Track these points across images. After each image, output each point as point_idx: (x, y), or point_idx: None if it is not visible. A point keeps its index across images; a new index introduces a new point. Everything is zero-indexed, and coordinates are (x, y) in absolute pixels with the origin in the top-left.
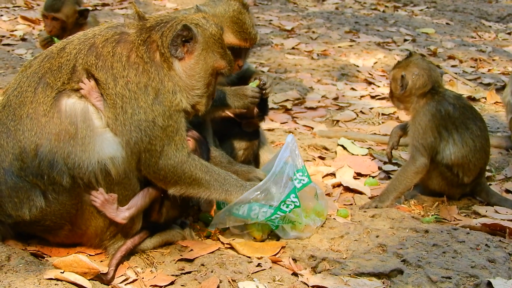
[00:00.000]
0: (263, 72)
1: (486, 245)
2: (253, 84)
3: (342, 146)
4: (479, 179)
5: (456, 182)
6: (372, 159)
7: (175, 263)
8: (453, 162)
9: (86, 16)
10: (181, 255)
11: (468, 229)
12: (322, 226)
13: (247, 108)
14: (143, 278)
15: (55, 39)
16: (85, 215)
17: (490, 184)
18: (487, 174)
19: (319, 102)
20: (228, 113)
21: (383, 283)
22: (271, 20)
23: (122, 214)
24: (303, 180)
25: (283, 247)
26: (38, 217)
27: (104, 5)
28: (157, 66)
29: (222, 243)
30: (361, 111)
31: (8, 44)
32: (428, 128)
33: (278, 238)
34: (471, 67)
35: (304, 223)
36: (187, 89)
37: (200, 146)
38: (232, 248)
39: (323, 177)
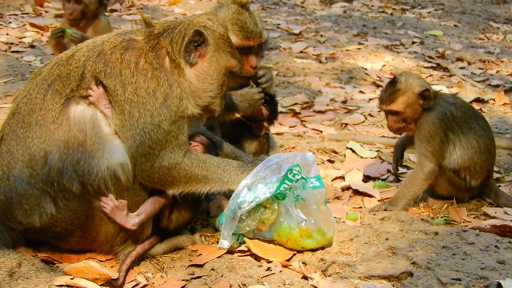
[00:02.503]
0: (269, 67)
1: (495, 246)
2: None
3: (351, 149)
4: (487, 180)
5: (464, 187)
6: (381, 162)
7: (185, 268)
8: (460, 166)
9: (106, 6)
10: (191, 260)
11: (478, 230)
12: None
13: (256, 110)
14: (153, 283)
15: (67, 31)
16: (96, 221)
17: (499, 186)
18: (496, 175)
19: (327, 105)
20: (238, 116)
21: (393, 286)
22: (279, 24)
23: (132, 220)
24: (316, 184)
25: (294, 254)
26: (48, 224)
27: (112, 11)
28: (166, 72)
29: (232, 252)
30: (369, 114)
31: (16, 51)
32: (436, 134)
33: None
34: (479, 68)
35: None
36: (198, 92)
37: (209, 152)
38: (242, 251)
39: (332, 180)
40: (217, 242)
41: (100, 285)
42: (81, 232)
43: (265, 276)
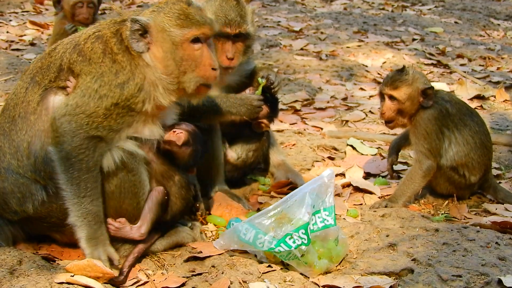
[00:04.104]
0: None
1: (496, 243)
2: (260, 86)
3: (352, 146)
4: (486, 175)
5: (464, 184)
6: (382, 159)
7: (186, 265)
8: (457, 163)
9: (100, 1)
10: (191, 257)
11: (478, 227)
12: None
13: (254, 117)
14: (154, 280)
15: (79, 27)
16: None
17: (500, 182)
18: (497, 172)
19: (328, 102)
20: (235, 119)
21: (394, 281)
22: (279, 21)
23: (138, 232)
24: (327, 220)
25: None
26: (43, 213)
27: (112, 9)
28: (128, 56)
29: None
30: (370, 111)
31: (17, 49)
32: (433, 131)
33: None
34: (480, 65)
35: (317, 266)
36: (165, 76)
37: (194, 138)
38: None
39: None
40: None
41: (102, 283)
42: None
43: (266, 273)
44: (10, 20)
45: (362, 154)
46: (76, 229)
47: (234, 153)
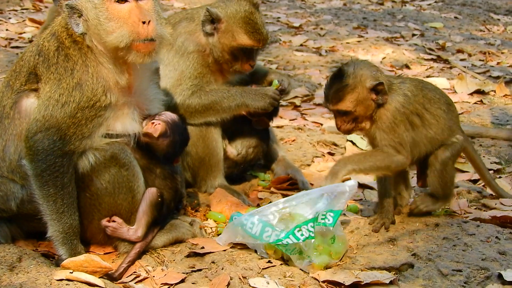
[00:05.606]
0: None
1: (496, 237)
2: (273, 86)
3: (351, 141)
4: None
5: None
6: None
7: (186, 261)
8: (441, 138)
9: None
10: (191, 253)
11: (478, 222)
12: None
13: (266, 109)
14: (154, 276)
15: None
16: (86, 208)
17: (500, 177)
18: (497, 167)
19: None
20: (245, 113)
21: (394, 276)
22: (279, 18)
23: (135, 235)
24: (328, 220)
25: None
26: (28, 210)
27: None
28: (78, 50)
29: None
30: None
31: (16, 47)
32: (401, 122)
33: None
34: (480, 60)
35: (317, 261)
36: (101, 47)
37: (172, 129)
38: (242, 243)
39: None
40: (218, 235)
41: (99, 278)
42: None
43: (266, 268)
44: (10, 18)
45: (362, 149)
46: (56, 244)
47: (234, 149)
